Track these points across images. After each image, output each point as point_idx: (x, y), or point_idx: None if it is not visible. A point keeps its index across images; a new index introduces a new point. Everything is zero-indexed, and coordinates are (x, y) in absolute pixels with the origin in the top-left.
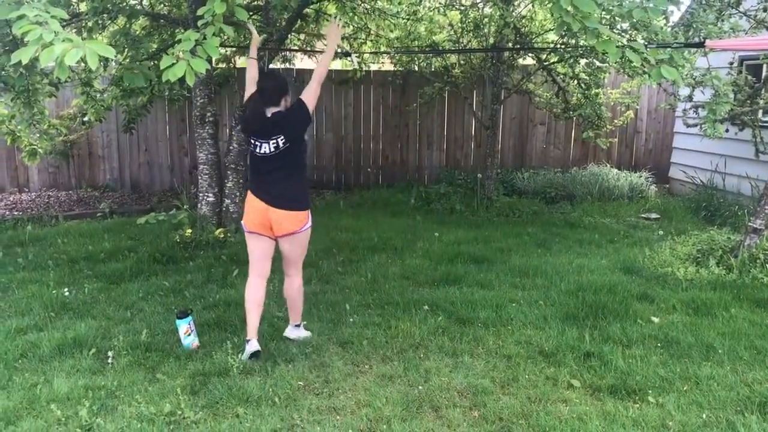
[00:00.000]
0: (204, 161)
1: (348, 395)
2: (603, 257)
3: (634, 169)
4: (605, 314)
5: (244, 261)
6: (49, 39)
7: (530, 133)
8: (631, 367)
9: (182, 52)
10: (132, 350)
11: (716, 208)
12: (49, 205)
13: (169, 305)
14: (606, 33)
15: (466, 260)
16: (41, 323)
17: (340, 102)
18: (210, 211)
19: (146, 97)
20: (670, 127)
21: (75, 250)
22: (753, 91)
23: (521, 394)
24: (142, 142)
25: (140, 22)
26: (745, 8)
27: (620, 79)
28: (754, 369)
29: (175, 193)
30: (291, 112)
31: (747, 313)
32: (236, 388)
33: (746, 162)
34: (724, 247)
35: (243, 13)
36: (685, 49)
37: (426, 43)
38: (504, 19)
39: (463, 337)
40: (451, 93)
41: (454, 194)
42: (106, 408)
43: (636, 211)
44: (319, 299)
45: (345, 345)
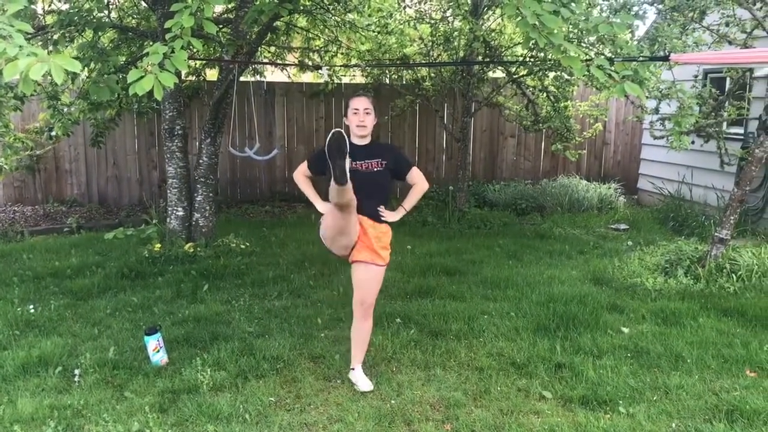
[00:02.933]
0: (173, 175)
1: (320, 410)
2: (573, 268)
3: (603, 181)
4: (576, 325)
5: (214, 276)
6: (13, 53)
7: (501, 145)
8: (602, 377)
9: (150, 65)
10: (99, 368)
11: (684, 219)
12: (15, 220)
13: (137, 321)
14: (571, 49)
15: (438, 272)
16: (5, 341)
17: (312, 115)
18: (179, 225)
19: (114, 110)
20: (638, 138)
21: (41, 266)
22: (717, 104)
23: (493, 407)
24: (110, 155)
25: (108, 35)
26: (708, 23)
27: (589, 92)
28: (722, 377)
29: (144, 207)
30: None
31: (714, 322)
32: (206, 405)
33: (712, 173)
34: (692, 257)
35: (212, 27)
36: (650, 63)
37: (397, 56)
38: (474, 32)
39: (436, 349)
40: (423, 106)
41: (426, 206)
42: (72, 428)
43: (605, 222)
44: (290, 313)
45: (317, 360)
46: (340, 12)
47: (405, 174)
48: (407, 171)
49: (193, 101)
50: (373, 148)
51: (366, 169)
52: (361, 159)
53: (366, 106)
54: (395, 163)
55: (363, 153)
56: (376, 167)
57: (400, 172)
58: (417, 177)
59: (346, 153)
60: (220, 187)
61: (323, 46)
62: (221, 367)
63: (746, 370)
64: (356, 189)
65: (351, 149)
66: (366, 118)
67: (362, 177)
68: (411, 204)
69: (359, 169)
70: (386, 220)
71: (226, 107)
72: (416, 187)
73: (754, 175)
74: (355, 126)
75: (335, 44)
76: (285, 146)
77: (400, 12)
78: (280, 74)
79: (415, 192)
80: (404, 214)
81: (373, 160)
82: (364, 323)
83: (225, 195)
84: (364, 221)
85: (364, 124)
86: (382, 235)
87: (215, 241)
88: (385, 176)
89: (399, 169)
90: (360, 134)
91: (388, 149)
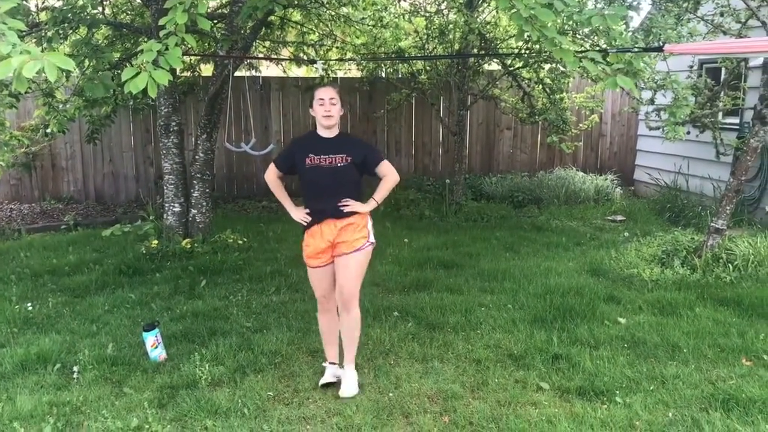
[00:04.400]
0: (169, 171)
1: (318, 404)
2: (570, 260)
3: (599, 172)
4: (573, 316)
5: (211, 271)
6: (6, 51)
7: (497, 137)
8: (599, 368)
9: (144, 63)
10: (98, 364)
11: (680, 210)
12: (11, 218)
13: (135, 318)
14: (564, 42)
15: (435, 265)
16: (3, 339)
17: (307, 109)
18: (176, 221)
19: (110, 107)
20: (634, 130)
21: (38, 264)
22: (712, 94)
23: (491, 398)
24: (106, 152)
25: (102, 32)
26: (702, 13)
27: (585, 84)
28: (718, 367)
29: (140, 203)
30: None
31: (711, 312)
32: (205, 400)
33: (708, 163)
34: (688, 248)
35: (206, 23)
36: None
37: (392, 50)
38: (469, 25)
39: (433, 342)
40: (418, 99)
41: (422, 200)
42: (72, 424)
43: (602, 214)
44: (288, 308)
45: (315, 354)
46: (335, 6)
47: (373, 168)
48: (376, 165)
49: (188, 97)
50: (338, 141)
51: (329, 164)
52: (324, 153)
53: (332, 95)
54: (363, 157)
55: (327, 147)
56: (339, 162)
57: (369, 166)
58: (387, 170)
59: None
60: (216, 183)
61: (318, 41)
62: (219, 363)
63: (742, 359)
64: (317, 184)
65: (316, 142)
66: (332, 108)
67: (324, 172)
68: (382, 196)
69: (321, 164)
70: (353, 210)
71: (221, 102)
72: (386, 179)
73: (750, 165)
74: (321, 116)
75: (330, 38)
76: (281, 141)
77: (395, 5)
78: (275, 69)
79: (385, 185)
80: (375, 206)
81: (337, 155)
82: (345, 314)
83: (221, 190)
84: (325, 226)
85: (331, 114)
86: (350, 225)
87: (212, 237)
88: (349, 171)
89: (367, 164)
90: (326, 125)
91: (356, 143)
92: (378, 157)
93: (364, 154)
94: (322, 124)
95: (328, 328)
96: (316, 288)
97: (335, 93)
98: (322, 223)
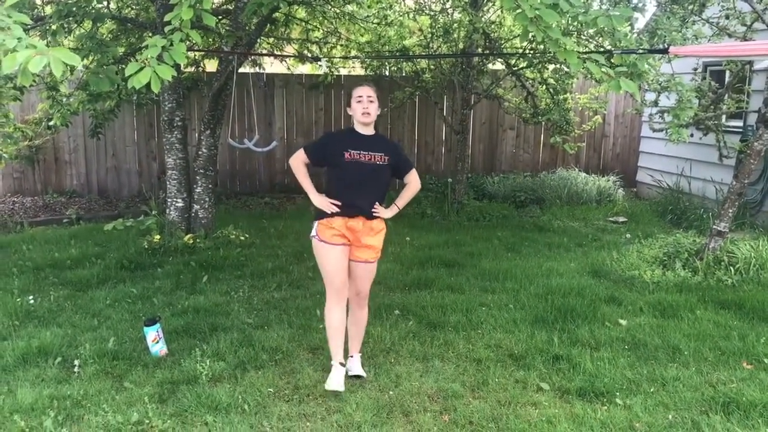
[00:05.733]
0: (172, 166)
1: (318, 401)
2: (572, 261)
3: (602, 173)
4: (574, 317)
5: (213, 267)
6: (12, 45)
7: (500, 137)
8: (599, 369)
9: (148, 58)
10: (99, 358)
11: (682, 212)
12: (14, 211)
13: (136, 312)
14: (568, 43)
15: (436, 264)
16: (5, 332)
17: (311, 106)
18: (179, 216)
19: (113, 101)
20: (637, 131)
21: (40, 257)
22: (716, 97)
23: (491, 398)
24: (109, 146)
25: (107, 26)
26: (707, 15)
27: (588, 84)
28: (719, 369)
29: (143, 198)
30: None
31: (712, 315)
32: (205, 395)
33: (711, 166)
34: (690, 250)
35: (210, 19)
36: (649, 56)
37: (396, 48)
38: (473, 24)
39: (434, 341)
40: (422, 98)
41: (425, 198)
42: (72, 418)
43: (604, 215)
44: (289, 305)
45: (315, 351)
46: (340, 3)
47: (404, 174)
48: (407, 171)
49: (192, 92)
50: (378, 140)
51: (369, 160)
52: (365, 149)
53: (369, 94)
54: (397, 160)
55: (368, 144)
56: (379, 161)
57: (401, 171)
58: (414, 178)
59: None
60: (219, 179)
61: (322, 38)
62: (220, 358)
63: (743, 362)
64: (356, 178)
65: (356, 138)
66: (370, 106)
67: (364, 168)
68: (404, 203)
69: (361, 159)
70: (379, 215)
71: (225, 99)
72: (410, 186)
73: (753, 168)
74: (360, 114)
75: (334, 36)
76: (284, 138)
77: (400, 3)
78: (279, 66)
79: (408, 191)
80: (397, 212)
81: (377, 153)
82: (360, 312)
83: (224, 186)
84: (355, 221)
85: (368, 111)
86: (378, 232)
87: (214, 233)
88: (386, 172)
89: (400, 168)
90: (364, 122)
91: (393, 146)
92: (410, 164)
93: (398, 158)
94: (361, 121)
95: (340, 324)
96: (333, 274)
97: (373, 91)
98: (352, 218)
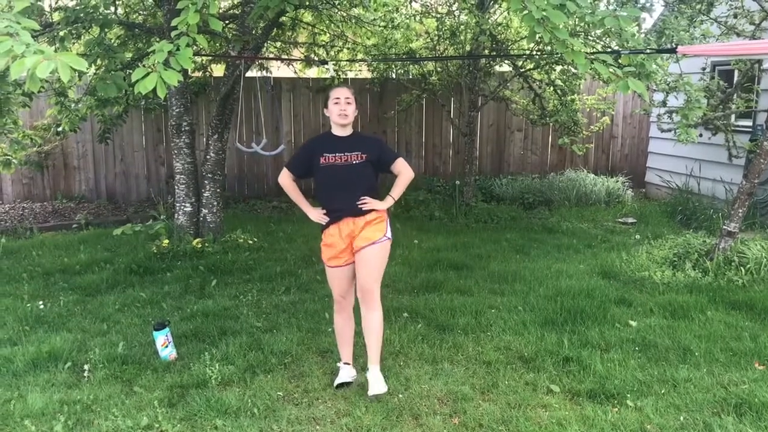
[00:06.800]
0: (181, 171)
1: (328, 405)
2: (581, 262)
3: (610, 174)
4: (583, 319)
5: (221, 271)
6: (20, 51)
7: (508, 139)
8: (610, 371)
9: (155, 63)
10: (108, 363)
11: (692, 212)
12: (24, 217)
13: (146, 317)
14: (576, 44)
15: (445, 267)
16: (15, 337)
17: (318, 110)
18: (187, 221)
19: (122, 106)
20: (646, 132)
21: (50, 263)
22: (725, 96)
23: (501, 400)
24: (118, 151)
25: (115, 32)
26: (715, 15)
27: (596, 85)
28: (730, 371)
29: (151, 203)
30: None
31: (722, 316)
32: (215, 399)
33: (720, 166)
34: (700, 251)
35: (217, 24)
36: (657, 55)
37: (403, 51)
38: (480, 26)
39: (443, 344)
40: (429, 100)
41: (433, 201)
42: (82, 422)
43: (613, 216)
44: (297, 308)
45: (324, 354)
46: (346, 7)
47: (389, 165)
48: (391, 162)
49: (199, 97)
50: (354, 140)
51: (345, 162)
52: (339, 151)
53: (347, 95)
54: (379, 155)
55: (342, 145)
56: (355, 160)
57: (384, 163)
58: (402, 167)
59: None
60: (227, 183)
61: (329, 41)
62: (229, 362)
63: (755, 363)
64: (332, 182)
65: (330, 141)
66: (347, 107)
67: (339, 170)
68: (398, 193)
69: (336, 162)
70: (372, 208)
71: (232, 103)
72: (402, 176)
73: (763, 167)
74: (336, 115)
75: (341, 39)
76: (292, 142)
77: (406, 6)
78: (286, 70)
79: (401, 181)
80: (392, 203)
81: (352, 153)
82: (369, 314)
83: (232, 191)
84: (343, 224)
85: (346, 113)
86: (368, 223)
87: (223, 237)
88: (365, 169)
89: (382, 162)
90: (341, 123)
91: (371, 141)
92: (393, 155)
93: (379, 152)
94: (338, 122)
95: (343, 329)
96: (334, 287)
97: (350, 93)
98: (341, 222)
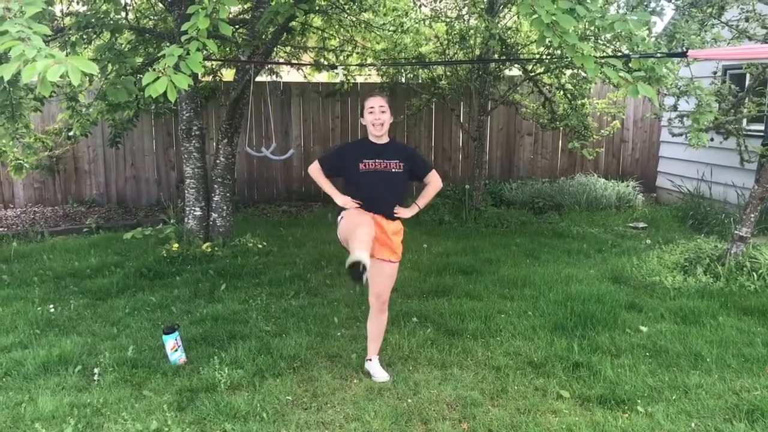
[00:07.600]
0: (190, 175)
1: (336, 409)
2: (591, 267)
3: (621, 179)
4: (594, 324)
5: (231, 275)
6: (32, 55)
7: (517, 143)
8: (620, 376)
9: (165, 67)
10: (118, 367)
11: (703, 217)
12: (35, 221)
13: (155, 321)
14: (585, 48)
15: (454, 271)
16: (26, 340)
17: (328, 114)
18: (197, 225)
19: (132, 111)
20: (657, 136)
21: (61, 266)
22: (737, 100)
23: (510, 406)
24: (128, 156)
25: (125, 36)
26: (726, 19)
27: (606, 89)
28: (742, 377)
29: (161, 207)
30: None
31: (734, 321)
32: (224, 403)
33: (732, 170)
34: (711, 256)
35: (227, 28)
36: (668, 59)
37: (412, 55)
38: (489, 30)
39: (452, 348)
40: (438, 105)
41: (442, 205)
42: (92, 426)
43: (624, 221)
44: (307, 312)
45: (333, 358)
46: (356, 11)
47: (423, 176)
48: (426, 174)
49: (209, 102)
50: (391, 147)
51: (384, 168)
52: (379, 158)
53: (381, 104)
54: (414, 165)
55: (382, 152)
56: (394, 168)
57: (419, 174)
58: (433, 178)
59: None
60: (237, 187)
61: (339, 46)
62: (239, 366)
63: (767, 369)
64: (372, 187)
65: (370, 148)
66: (382, 116)
67: (379, 176)
68: (425, 202)
69: (377, 168)
70: (399, 216)
71: (242, 107)
72: (431, 186)
73: None
74: (371, 125)
75: (350, 44)
76: (301, 146)
77: (416, 11)
78: (296, 74)
79: (429, 190)
80: (417, 212)
81: (391, 161)
82: (381, 316)
83: (242, 195)
84: (380, 220)
85: (381, 122)
86: (397, 232)
87: (232, 241)
88: (402, 178)
89: (418, 172)
90: (377, 133)
91: (407, 151)
92: (428, 166)
93: (414, 162)
94: (373, 132)
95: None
96: (358, 224)
97: (384, 101)
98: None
